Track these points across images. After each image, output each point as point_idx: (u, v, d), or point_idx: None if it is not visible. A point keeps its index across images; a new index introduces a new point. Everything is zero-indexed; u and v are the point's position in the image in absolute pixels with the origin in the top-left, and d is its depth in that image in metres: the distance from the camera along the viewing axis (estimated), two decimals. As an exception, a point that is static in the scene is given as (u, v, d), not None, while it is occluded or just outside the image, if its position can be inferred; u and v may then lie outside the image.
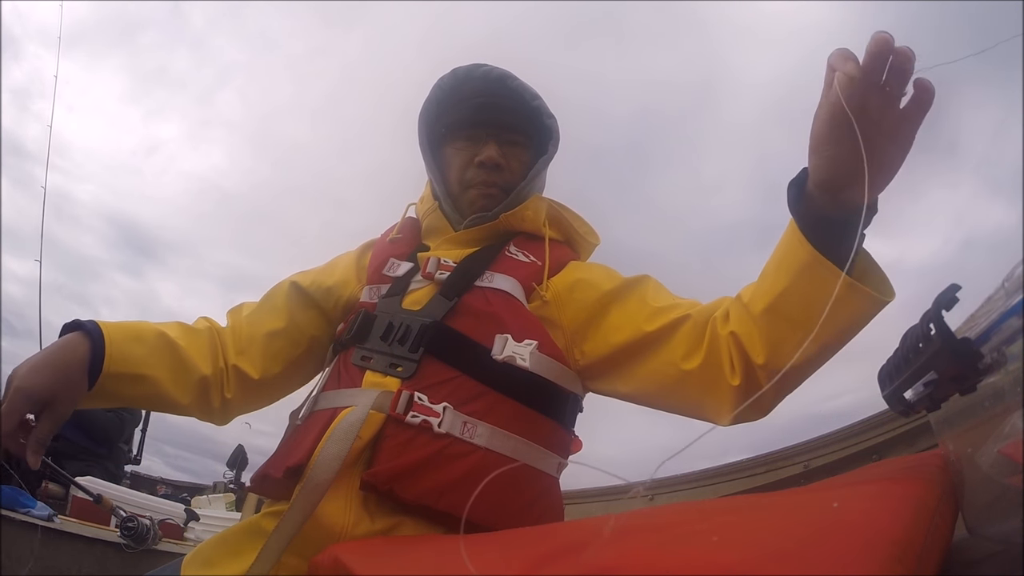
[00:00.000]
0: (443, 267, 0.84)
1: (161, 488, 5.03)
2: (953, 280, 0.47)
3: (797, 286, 0.62)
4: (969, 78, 0.52)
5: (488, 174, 0.89)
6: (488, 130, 0.90)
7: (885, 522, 0.31)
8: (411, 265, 0.87)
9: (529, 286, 0.84)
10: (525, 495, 0.73)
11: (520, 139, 0.92)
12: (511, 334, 0.76)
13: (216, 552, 0.72)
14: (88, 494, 2.53)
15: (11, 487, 2.32)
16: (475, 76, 0.92)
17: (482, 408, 0.73)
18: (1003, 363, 0.42)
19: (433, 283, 0.83)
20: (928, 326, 0.47)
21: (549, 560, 0.35)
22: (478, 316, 0.78)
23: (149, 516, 2.51)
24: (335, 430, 0.69)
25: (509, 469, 0.70)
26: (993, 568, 0.39)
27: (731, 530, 0.37)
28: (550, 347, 0.78)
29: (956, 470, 0.50)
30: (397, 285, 0.85)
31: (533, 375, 0.75)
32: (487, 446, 0.71)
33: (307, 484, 0.67)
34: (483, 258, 0.86)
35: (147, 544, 2.40)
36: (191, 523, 3.04)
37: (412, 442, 0.69)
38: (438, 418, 0.70)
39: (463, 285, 0.82)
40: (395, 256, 0.90)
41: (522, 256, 0.88)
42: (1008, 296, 0.45)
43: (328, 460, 0.67)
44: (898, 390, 0.53)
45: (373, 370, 0.76)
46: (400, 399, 0.71)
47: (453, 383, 0.74)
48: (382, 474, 0.67)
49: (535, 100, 0.93)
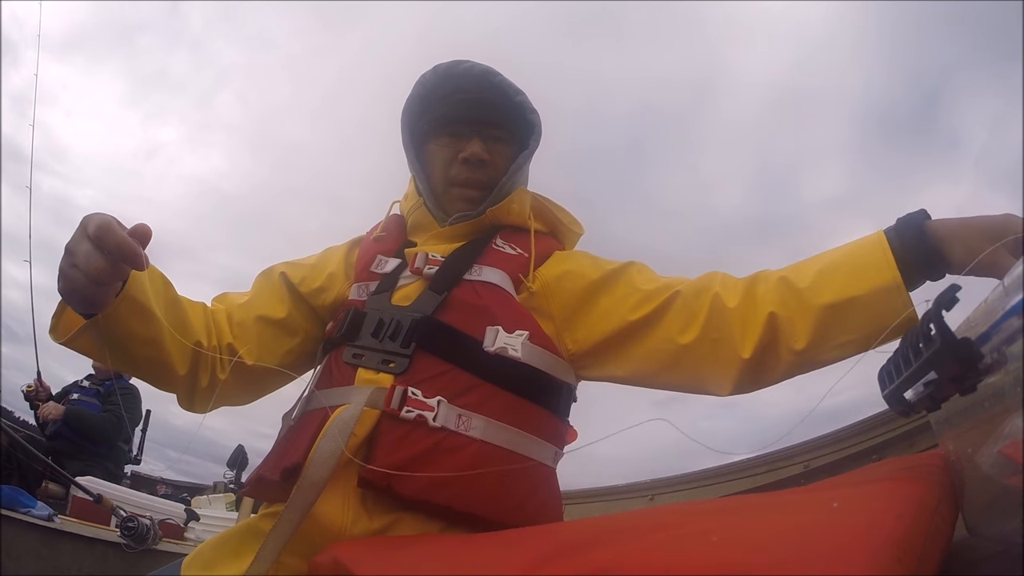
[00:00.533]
0: (431, 262, 0.84)
1: (161, 488, 5.04)
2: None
3: (869, 301, 0.65)
4: (970, 72, 0.52)
5: (472, 171, 0.89)
6: (472, 126, 0.90)
7: (886, 522, 0.31)
8: (399, 261, 0.87)
9: (517, 278, 0.84)
10: (523, 485, 0.73)
11: (503, 135, 0.92)
12: (502, 326, 0.76)
13: (216, 553, 0.72)
14: (88, 494, 2.54)
15: (11, 487, 2.32)
16: (457, 72, 0.92)
17: (476, 400, 0.73)
18: (1003, 363, 0.42)
19: (422, 278, 0.83)
20: (928, 326, 0.47)
21: (549, 559, 0.35)
22: (468, 309, 0.78)
23: (149, 516, 2.52)
24: (330, 428, 0.69)
25: (506, 460, 0.71)
26: (993, 568, 0.39)
27: (731, 530, 0.37)
28: (541, 337, 0.79)
29: (956, 470, 0.50)
30: (386, 282, 0.85)
31: (525, 365, 0.75)
32: (483, 438, 0.71)
33: (303, 483, 0.67)
34: (470, 252, 0.86)
35: (147, 544, 2.40)
36: (191, 523, 3.05)
37: (408, 437, 0.69)
38: (433, 412, 0.70)
39: (452, 279, 0.82)
40: (382, 253, 0.90)
41: (509, 249, 0.88)
42: (1008, 296, 0.45)
43: (324, 458, 0.67)
44: (898, 390, 0.53)
45: (365, 367, 0.76)
46: (394, 395, 0.71)
47: (446, 377, 0.74)
48: (379, 470, 0.67)
49: (518, 96, 0.92)
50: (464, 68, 0.91)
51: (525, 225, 0.92)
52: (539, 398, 0.78)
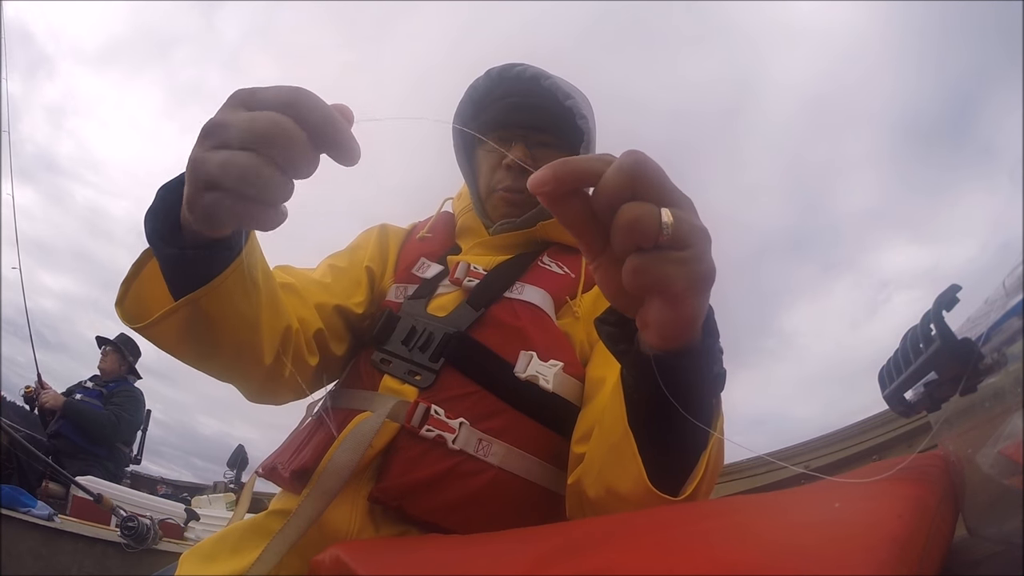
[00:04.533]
0: (472, 274, 0.81)
1: (161, 488, 5.04)
2: (989, 280, 0.48)
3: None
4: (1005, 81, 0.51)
5: (515, 177, 0.87)
6: (518, 131, 0.88)
7: (887, 523, 0.31)
8: (440, 268, 0.84)
9: (560, 300, 0.81)
10: (535, 515, 0.71)
11: (551, 140, 0.89)
12: (536, 351, 0.73)
13: (216, 548, 0.71)
14: (88, 494, 2.54)
15: (11, 487, 2.32)
16: (508, 76, 0.89)
17: (499, 426, 0.70)
18: (1003, 363, 0.42)
19: (461, 290, 0.80)
20: (928, 326, 0.47)
21: (551, 560, 0.35)
22: (504, 329, 0.76)
23: (149, 516, 2.52)
24: (347, 438, 0.67)
25: (523, 488, 0.69)
26: (993, 568, 0.39)
27: (732, 530, 0.37)
28: (575, 367, 0.75)
29: (956, 470, 0.50)
30: (424, 287, 0.82)
31: (556, 396, 0.72)
32: (500, 465, 0.69)
33: (315, 491, 0.65)
34: (515, 268, 0.83)
35: (147, 544, 2.41)
36: (191, 523, 3.05)
37: (424, 457, 0.67)
38: (453, 434, 0.68)
39: (491, 295, 0.79)
40: (426, 255, 0.87)
41: (555, 267, 0.84)
42: (1008, 296, 0.45)
43: (338, 469, 0.66)
44: (898, 390, 0.53)
45: (392, 375, 0.74)
46: (416, 411, 0.69)
47: (472, 398, 0.71)
48: (392, 490, 0.66)
49: (568, 100, 0.88)
50: (516, 72, 0.89)
51: (575, 244, 0.88)
52: (563, 428, 0.74)
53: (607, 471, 0.55)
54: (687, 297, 0.40)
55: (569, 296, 0.81)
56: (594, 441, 0.63)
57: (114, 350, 3.80)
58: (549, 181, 0.39)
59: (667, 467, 0.49)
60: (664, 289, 0.39)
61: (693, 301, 0.41)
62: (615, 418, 0.53)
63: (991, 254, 38.00)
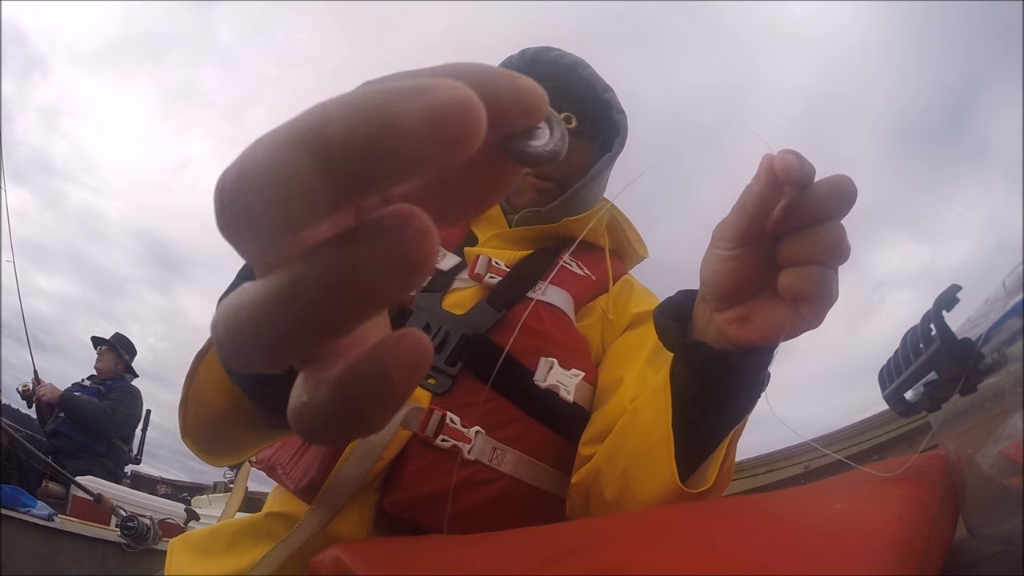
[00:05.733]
0: (494, 270, 0.75)
1: (161, 488, 5.04)
2: (986, 280, 0.48)
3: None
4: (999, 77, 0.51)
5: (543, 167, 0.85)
6: None
7: (887, 523, 0.31)
8: (458, 260, 0.78)
9: (581, 302, 0.78)
10: (539, 519, 0.69)
11: (586, 130, 0.85)
12: (557, 359, 0.70)
13: (209, 541, 0.69)
14: (88, 493, 2.54)
15: (11, 486, 2.32)
16: (545, 60, 0.85)
17: (514, 434, 0.68)
18: (1003, 363, 0.42)
19: (480, 286, 0.75)
20: (928, 326, 0.47)
21: (553, 560, 0.35)
22: (526, 333, 0.70)
23: (149, 516, 2.52)
24: (356, 449, 0.64)
25: (529, 494, 0.68)
26: (993, 568, 0.39)
27: (734, 531, 0.37)
28: (593, 375, 0.73)
29: (957, 471, 0.50)
30: (438, 280, 0.76)
31: (574, 406, 0.70)
32: (512, 473, 0.66)
33: (320, 506, 0.63)
34: (537, 265, 0.78)
35: (147, 544, 2.41)
36: (191, 523, 3.05)
37: (438, 468, 0.64)
38: (469, 444, 0.65)
39: (514, 296, 0.74)
40: (441, 243, 0.83)
41: (576, 268, 0.80)
42: (1008, 296, 0.45)
43: (345, 484, 0.63)
44: (898, 390, 0.53)
45: None
46: (431, 419, 0.65)
47: (489, 406, 0.67)
48: (404, 503, 0.64)
49: (606, 92, 0.85)
50: (553, 56, 0.85)
51: (598, 242, 0.84)
52: (574, 435, 0.71)
53: (634, 472, 0.55)
54: (827, 311, 0.44)
55: (589, 299, 0.79)
56: (617, 442, 0.61)
57: (110, 349, 3.80)
58: (797, 169, 0.40)
59: (694, 466, 0.51)
60: (826, 303, 0.42)
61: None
62: (654, 419, 0.53)
63: (987, 253, 37.63)
